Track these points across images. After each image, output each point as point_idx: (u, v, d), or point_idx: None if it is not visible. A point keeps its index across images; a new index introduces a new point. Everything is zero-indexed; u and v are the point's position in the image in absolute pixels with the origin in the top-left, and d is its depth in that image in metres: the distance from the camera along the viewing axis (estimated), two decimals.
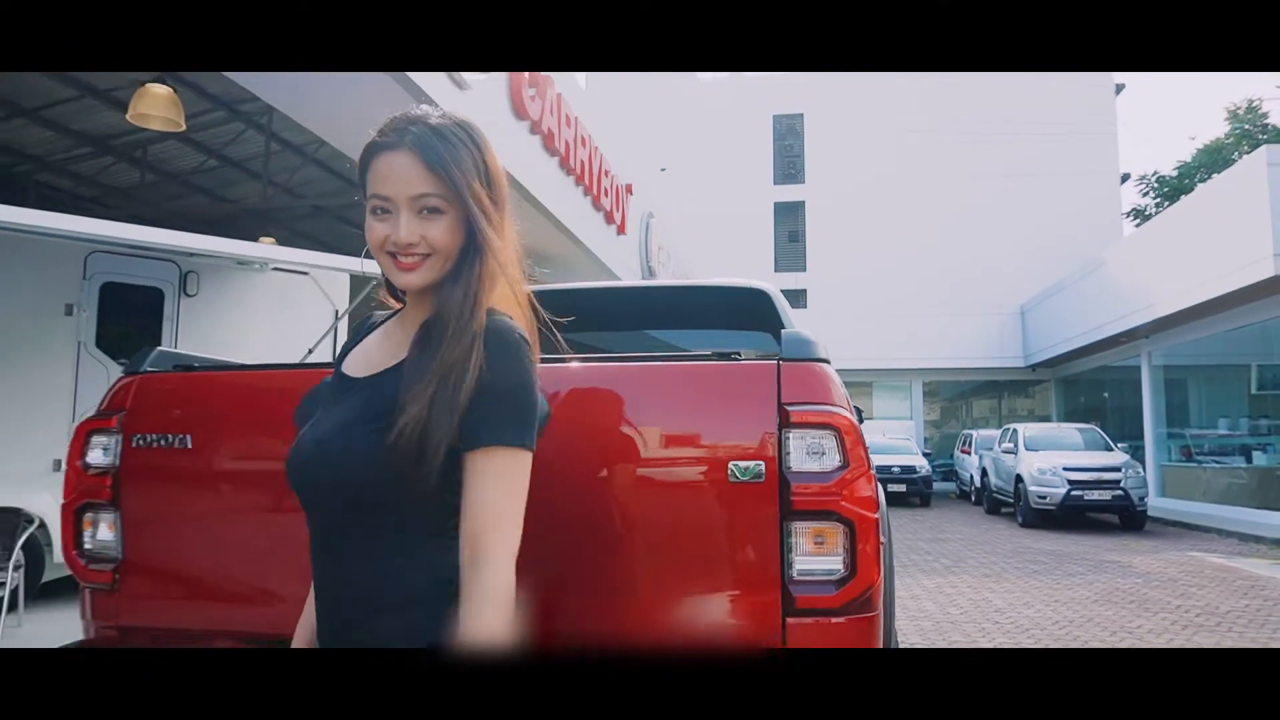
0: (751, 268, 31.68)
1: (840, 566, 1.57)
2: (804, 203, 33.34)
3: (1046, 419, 22.65)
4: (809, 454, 1.58)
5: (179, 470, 1.84)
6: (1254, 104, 25.80)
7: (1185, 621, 6.29)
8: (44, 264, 5.93)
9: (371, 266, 1.17)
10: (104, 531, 1.89)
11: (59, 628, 5.11)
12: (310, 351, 4.49)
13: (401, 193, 1.08)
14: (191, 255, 6.37)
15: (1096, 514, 13.75)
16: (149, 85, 6.90)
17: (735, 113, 32.66)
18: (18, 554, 5.19)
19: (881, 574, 1.58)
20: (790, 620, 1.56)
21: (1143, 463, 16.30)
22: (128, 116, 7.10)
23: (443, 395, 1.02)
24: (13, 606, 5.63)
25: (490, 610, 0.98)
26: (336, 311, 7.36)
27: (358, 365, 1.18)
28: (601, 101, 11.63)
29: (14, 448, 5.72)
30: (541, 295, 3.48)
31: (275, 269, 6.90)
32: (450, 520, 1.06)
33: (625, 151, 12.80)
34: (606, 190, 10.90)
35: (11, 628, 5.12)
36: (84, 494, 1.89)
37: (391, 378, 1.10)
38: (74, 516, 1.91)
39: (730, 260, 29.31)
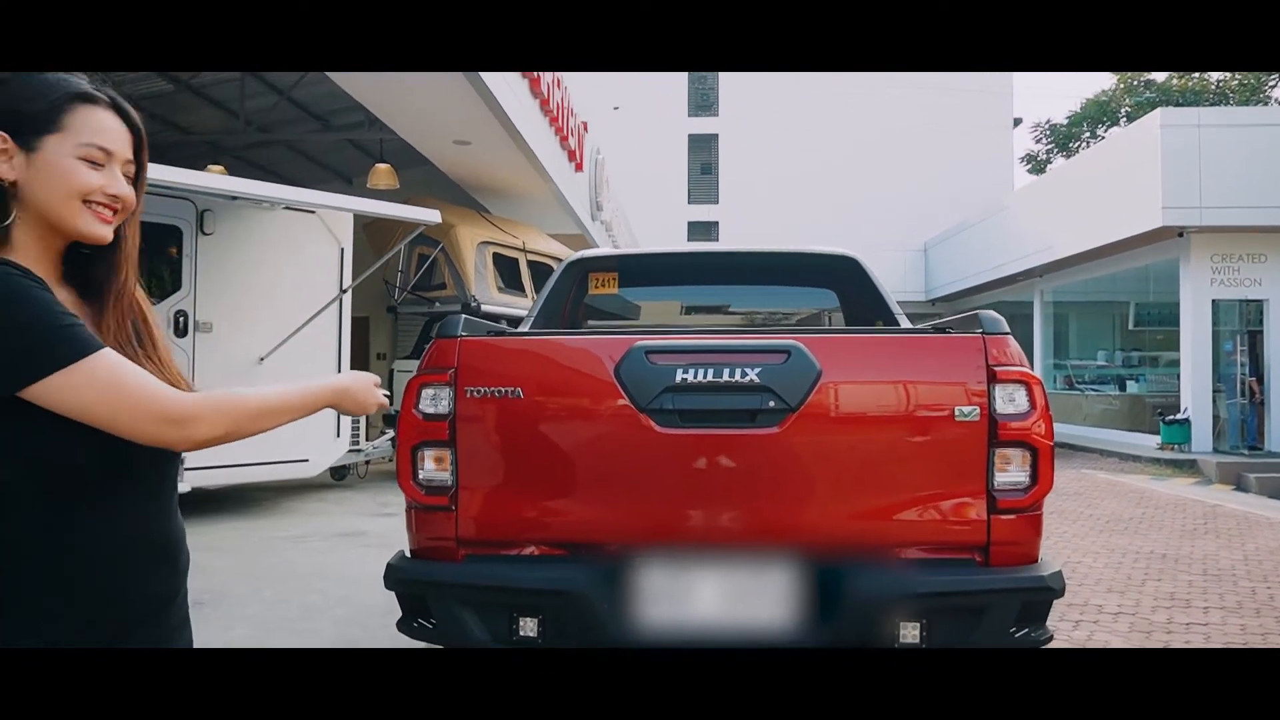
0: (665, 199, 32.18)
1: (1027, 479, 2.26)
2: (717, 135, 33.86)
3: None
4: (1009, 402, 2.24)
5: (508, 415, 2.35)
6: None
7: (1101, 527, 7.50)
8: None
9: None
10: (436, 465, 2.38)
11: None
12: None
13: (121, 153, 1.16)
14: (207, 194, 6.44)
15: None
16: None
17: None
18: None
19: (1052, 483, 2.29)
20: (993, 516, 2.25)
21: None
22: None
23: None
24: None
25: None
26: (342, 250, 7.57)
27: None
28: None
29: None
30: (666, 256, 4.10)
31: (287, 208, 7.03)
32: None
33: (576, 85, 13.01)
34: (573, 130, 11.18)
35: None
36: (421, 434, 2.37)
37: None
38: (410, 453, 2.39)
39: (644, 192, 29.59)
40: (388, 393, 1.40)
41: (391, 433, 9.42)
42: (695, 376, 2.24)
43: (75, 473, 1.07)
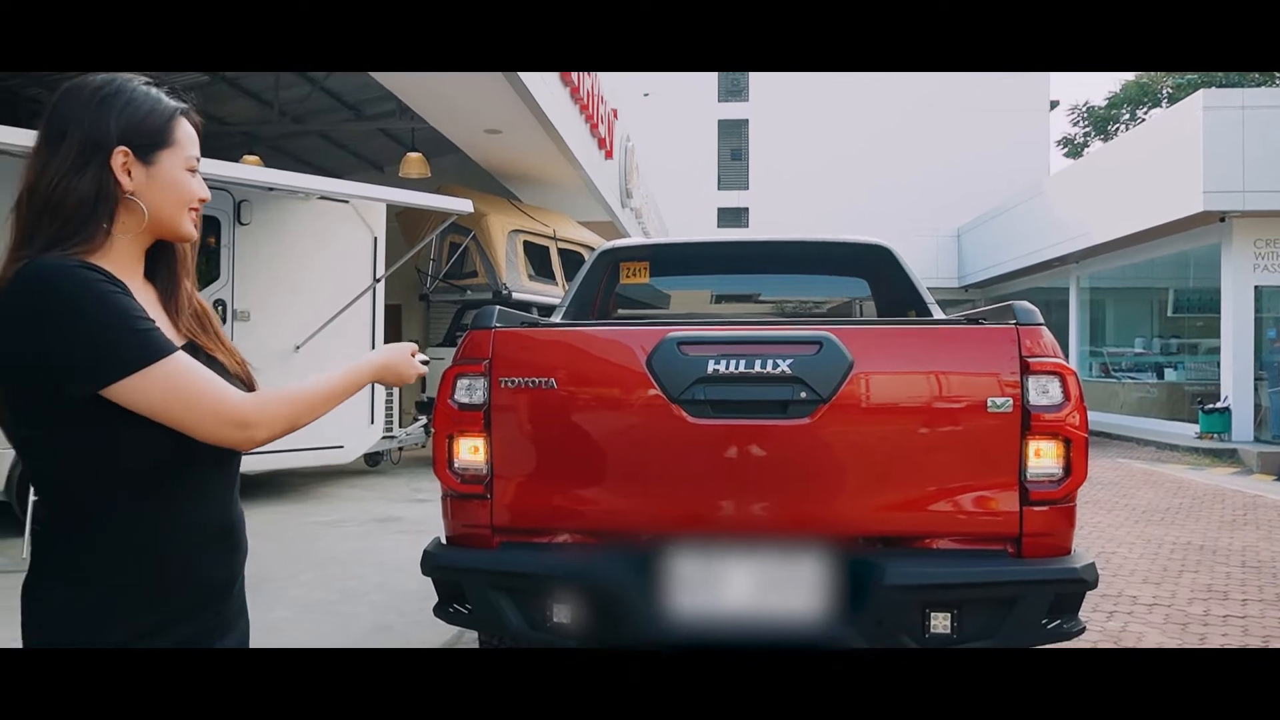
0: (695, 185, 32.02)
1: (1060, 470, 2.25)
2: (748, 121, 33.59)
3: None
4: (1042, 393, 2.23)
5: (542, 405, 2.38)
6: None
7: (1136, 517, 7.41)
8: None
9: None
10: (472, 454, 2.42)
11: None
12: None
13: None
14: (244, 185, 6.55)
15: None
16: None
17: None
18: None
19: (1086, 475, 2.28)
20: (1025, 508, 2.25)
21: None
22: None
23: None
24: None
25: None
26: (375, 239, 7.65)
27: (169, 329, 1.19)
28: None
29: None
30: (697, 246, 4.10)
31: (321, 198, 7.12)
32: None
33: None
34: (603, 117, 11.18)
35: None
36: (456, 424, 2.42)
37: (202, 356, 1.19)
38: (446, 442, 2.44)
39: (674, 179, 29.43)
40: (426, 358, 1.44)
41: (424, 419, 9.61)
42: (727, 368, 2.26)
43: (148, 466, 1.12)
